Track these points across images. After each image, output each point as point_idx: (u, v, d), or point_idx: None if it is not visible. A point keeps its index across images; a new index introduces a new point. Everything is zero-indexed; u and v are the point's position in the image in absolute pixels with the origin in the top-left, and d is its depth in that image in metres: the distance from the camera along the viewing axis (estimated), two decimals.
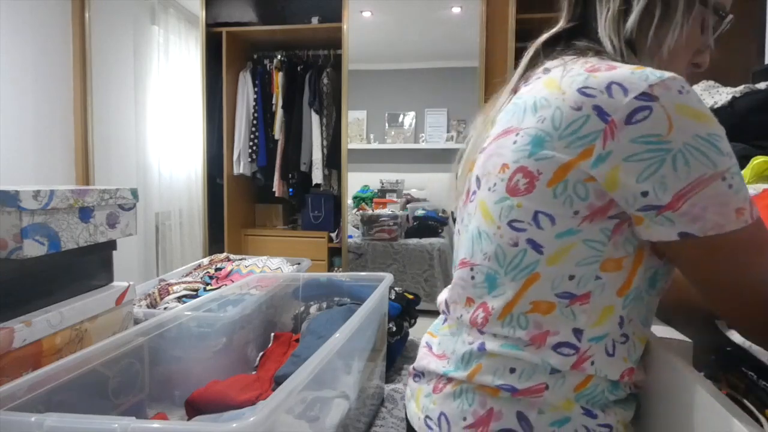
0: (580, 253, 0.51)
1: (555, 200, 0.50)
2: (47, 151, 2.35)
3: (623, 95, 0.46)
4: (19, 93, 2.17)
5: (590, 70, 0.49)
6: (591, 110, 0.47)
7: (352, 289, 1.46)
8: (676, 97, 0.45)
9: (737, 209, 0.45)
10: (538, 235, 0.52)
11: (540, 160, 0.50)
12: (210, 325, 1.16)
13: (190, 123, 3.03)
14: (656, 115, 0.45)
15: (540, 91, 0.53)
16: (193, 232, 3.16)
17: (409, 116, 5.13)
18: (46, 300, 0.95)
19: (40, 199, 0.88)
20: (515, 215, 0.53)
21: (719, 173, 0.45)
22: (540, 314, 0.53)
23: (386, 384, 1.34)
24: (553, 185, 0.50)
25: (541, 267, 0.52)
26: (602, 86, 0.47)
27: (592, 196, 0.49)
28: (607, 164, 0.47)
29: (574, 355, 0.52)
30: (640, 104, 0.45)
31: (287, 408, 0.73)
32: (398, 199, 4.10)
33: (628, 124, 0.46)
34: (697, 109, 0.45)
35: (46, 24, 2.32)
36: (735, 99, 1.27)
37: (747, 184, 1.12)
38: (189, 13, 3.07)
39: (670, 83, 0.45)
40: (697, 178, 0.44)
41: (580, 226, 0.50)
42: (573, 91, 0.49)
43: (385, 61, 5.02)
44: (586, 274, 0.51)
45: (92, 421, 0.58)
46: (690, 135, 0.44)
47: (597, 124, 0.47)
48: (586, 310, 0.52)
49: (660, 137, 0.45)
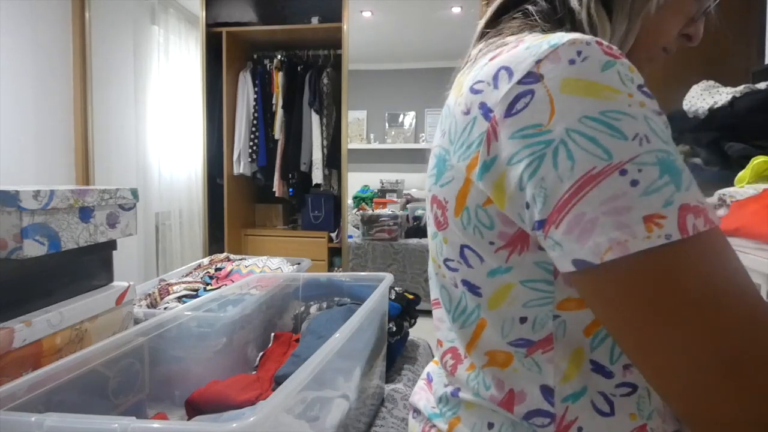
0: (524, 295, 0.40)
1: (466, 232, 0.41)
2: (47, 151, 2.35)
3: (507, 81, 0.35)
4: (19, 93, 2.17)
5: (493, 57, 0.38)
6: (477, 110, 0.37)
7: (352, 289, 1.46)
8: (564, 70, 0.33)
9: (646, 216, 0.30)
10: (471, 274, 0.43)
11: (444, 186, 0.42)
12: (210, 325, 1.16)
13: (190, 123, 3.03)
14: (537, 99, 0.33)
15: (450, 96, 0.43)
16: (193, 232, 3.16)
17: (409, 116, 5.14)
18: (46, 300, 0.95)
19: (40, 199, 0.88)
20: (446, 253, 0.44)
21: (615, 165, 0.30)
22: (498, 368, 0.43)
23: (386, 384, 1.34)
24: (458, 214, 0.41)
25: (485, 312, 0.43)
26: (490, 76, 0.36)
27: (497, 222, 0.38)
28: (492, 173, 0.36)
29: (551, 424, 0.41)
30: (522, 89, 0.34)
31: (287, 408, 0.73)
32: (398, 199, 4.10)
33: (508, 116, 0.34)
34: (593, 80, 0.32)
35: (46, 24, 2.32)
36: (735, 99, 1.27)
37: (747, 184, 1.12)
38: (189, 13, 3.07)
39: (562, 51, 0.33)
40: (582, 176, 0.31)
41: (509, 262, 0.39)
42: (466, 92, 0.39)
43: (385, 61, 5.03)
44: (540, 314, 0.40)
45: (92, 421, 0.58)
46: (576, 117, 0.32)
47: (482, 125, 0.36)
48: (552, 359, 0.40)
49: (541, 127, 0.33)
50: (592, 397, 0.40)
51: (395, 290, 1.55)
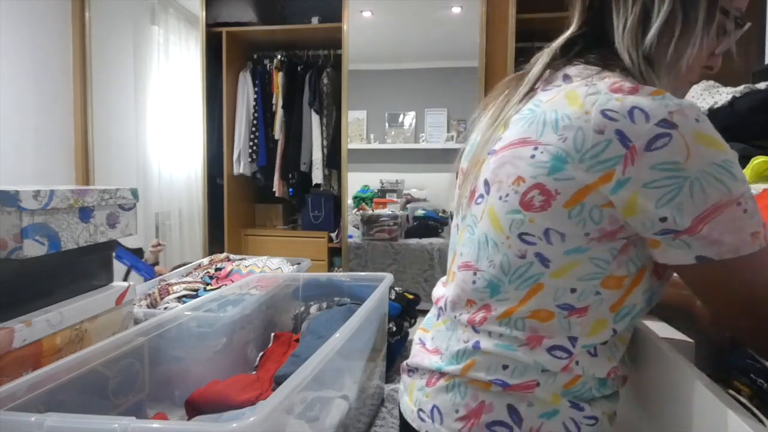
0: (585, 269, 0.53)
1: (569, 221, 0.51)
2: (47, 151, 2.35)
3: (645, 121, 0.46)
4: (19, 93, 2.17)
5: (613, 90, 0.49)
6: (613, 135, 0.48)
7: (352, 289, 1.46)
8: (693, 126, 0.46)
9: (753, 233, 0.46)
10: (547, 249, 0.53)
11: (559, 180, 0.51)
12: (210, 325, 1.16)
13: (190, 123, 3.03)
14: (675, 143, 0.46)
15: (562, 106, 0.52)
16: (193, 232, 3.16)
17: (409, 116, 5.13)
18: (46, 300, 0.95)
19: (40, 199, 0.88)
20: (526, 229, 0.54)
21: (734, 199, 0.46)
22: (538, 321, 0.55)
23: (386, 384, 1.34)
24: (569, 206, 0.51)
25: (546, 279, 0.54)
26: (625, 111, 0.48)
27: (605, 221, 0.50)
28: (626, 190, 0.48)
29: (567, 358, 0.54)
30: (661, 131, 0.46)
31: (287, 408, 0.73)
32: (398, 199, 4.10)
33: (648, 150, 0.46)
34: (713, 137, 0.46)
35: (46, 24, 2.32)
36: (735, 99, 1.27)
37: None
38: (189, 13, 3.07)
39: (687, 111, 0.46)
40: (713, 204, 0.46)
41: (589, 245, 0.52)
42: (596, 113, 0.49)
43: (385, 61, 5.02)
44: (587, 288, 0.53)
45: (92, 421, 0.58)
46: (706, 163, 0.45)
47: (618, 149, 0.47)
48: (582, 323, 0.54)
49: (678, 164, 0.46)
50: (594, 346, 0.56)
51: (395, 290, 1.55)
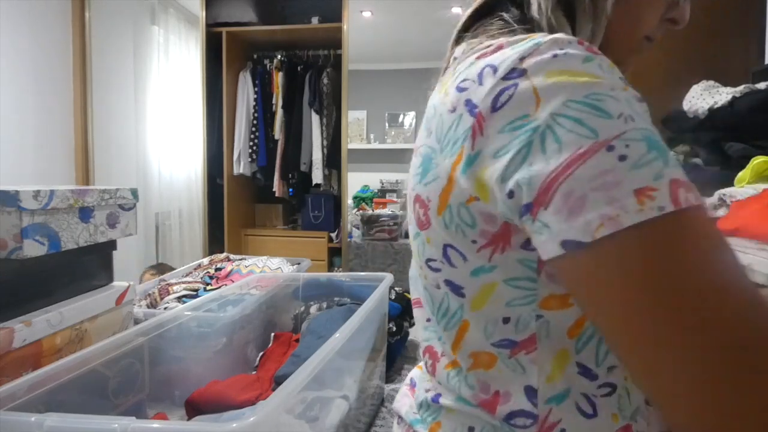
0: (507, 294, 0.40)
1: (448, 231, 0.40)
2: (47, 151, 2.36)
3: (492, 77, 0.35)
4: (19, 93, 2.17)
5: (480, 56, 0.38)
6: (463, 107, 0.37)
7: (352, 289, 1.46)
8: (547, 63, 0.33)
9: (637, 190, 0.29)
10: (454, 274, 0.42)
11: (428, 185, 0.41)
12: (210, 325, 1.16)
13: (190, 123, 3.03)
14: (520, 91, 0.33)
15: (434, 96, 0.44)
16: (193, 232, 3.16)
17: (409, 116, 5.14)
18: (46, 300, 0.95)
19: (40, 199, 0.88)
20: (428, 253, 0.44)
21: (602, 142, 0.30)
22: (483, 369, 0.43)
23: (386, 384, 1.34)
24: (441, 214, 0.40)
25: (467, 313, 0.43)
26: (476, 74, 0.37)
27: (479, 220, 0.38)
28: (475, 167, 0.36)
29: (533, 425, 0.40)
30: (506, 84, 0.34)
31: (287, 408, 0.73)
32: (398, 199, 4.10)
33: (494, 111, 0.34)
34: (576, 69, 0.33)
35: (46, 24, 2.32)
36: (735, 99, 1.27)
37: (747, 184, 1.12)
38: (189, 13, 3.07)
39: (545, 47, 0.34)
40: (570, 156, 0.31)
41: (492, 261, 0.39)
42: (452, 91, 0.39)
43: (385, 61, 5.03)
44: (523, 314, 0.40)
45: (92, 421, 0.58)
46: (560, 102, 0.32)
47: (467, 120, 0.36)
48: (536, 360, 0.40)
49: (528, 117, 0.33)
50: (576, 399, 0.40)
51: (395, 290, 1.55)
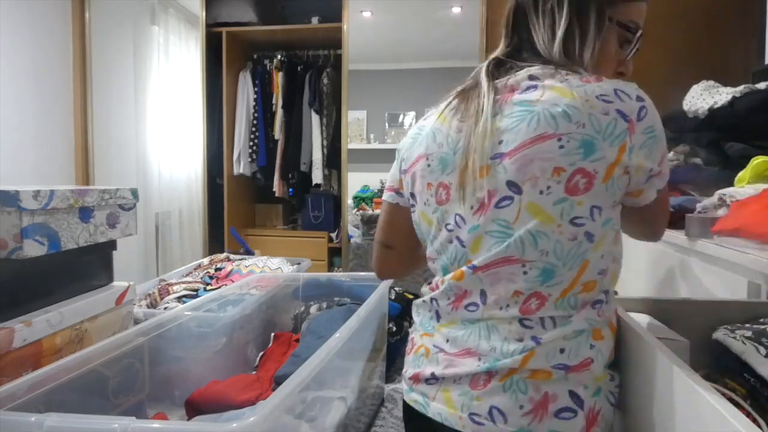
0: (611, 235, 0.62)
1: (606, 193, 0.60)
2: (47, 151, 2.35)
3: (630, 99, 0.60)
4: (19, 93, 2.17)
5: (586, 81, 0.62)
6: (616, 114, 0.59)
7: (352, 289, 1.46)
8: (647, 102, 0.61)
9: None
10: (592, 226, 0.60)
11: (594, 162, 0.59)
12: (210, 325, 1.16)
13: (190, 123, 3.03)
14: (650, 112, 0.61)
15: (559, 100, 0.61)
16: (193, 232, 3.16)
17: (409, 116, 5.13)
18: (46, 300, 0.95)
19: (40, 199, 0.88)
20: (576, 212, 0.60)
21: (666, 153, 0.64)
22: (586, 293, 0.62)
23: (386, 384, 1.34)
24: (606, 181, 0.60)
25: (590, 253, 0.61)
26: (612, 93, 0.60)
27: (623, 186, 0.61)
28: (635, 154, 0.60)
29: (605, 304, 0.64)
30: (641, 104, 0.60)
31: (287, 408, 0.73)
32: None
33: (639, 120, 0.60)
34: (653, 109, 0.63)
35: (46, 24, 2.32)
36: (735, 99, 1.27)
37: (747, 184, 1.12)
38: (189, 13, 3.07)
39: (641, 91, 0.62)
40: (664, 150, 0.63)
41: (611, 214, 0.62)
42: (595, 99, 0.60)
43: (385, 61, 5.02)
44: (608, 251, 0.62)
45: (92, 421, 0.58)
46: (660, 129, 0.62)
47: (622, 124, 0.59)
48: (607, 276, 0.64)
49: (653, 127, 0.61)
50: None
51: (395, 290, 1.55)
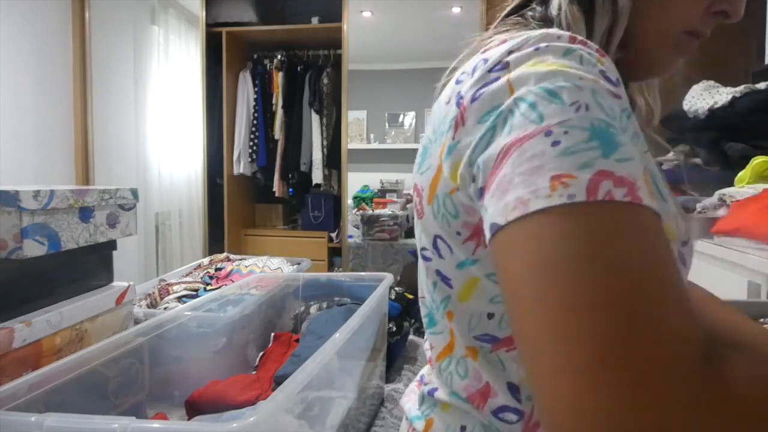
0: (490, 289, 0.39)
1: (435, 221, 0.40)
2: (47, 151, 2.35)
3: (480, 70, 0.35)
4: (19, 93, 2.17)
5: (484, 50, 0.38)
6: (454, 99, 0.36)
7: (352, 289, 1.46)
8: (527, 56, 0.33)
9: (555, 176, 0.27)
10: (442, 265, 0.42)
11: (423, 174, 0.41)
12: (210, 325, 1.16)
13: (190, 123, 3.03)
14: (497, 84, 0.33)
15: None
16: (193, 232, 3.15)
17: (409, 116, 5.13)
18: (46, 300, 0.95)
19: (40, 199, 0.88)
20: (423, 242, 0.44)
21: (544, 127, 0.29)
22: (472, 359, 0.42)
23: (386, 384, 1.34)
24: (430, 203, 0.40)
25: (453, 303, 0.42)
26: (471, 67, 0.37)
27: (461, 211, 0.37)
28: (453, 156, 0.35)
29: (519, 421, 0.40)
30: (490, 77, 0.34)
31: (287, 408, 0.73)
32: (398, 199, 4.09)
33: (473, 101, 0.34)
34: (549, 60, 0.32)
35: (46, 24, 2.32)
36: (735, 99, 1.27)
37: (747, 184, 1.12)
38: (189, 13, 3.07)
39: (533, 41, 0.34)
40: (513, 139, 0.30)
41: (475, 254, 0.38)
42: (452, 83, 0.39)
43: (385, 61, 5.02)
44: (506, 312, 0.39)
45: (92, 421, 0.58)
46: (525, 89, 0.31)
47: (453, 111, 0.36)
48: (516, 358, 0.39)
49: (499, 107, 0.32)
50: None
51: (395, 290, 1.55)
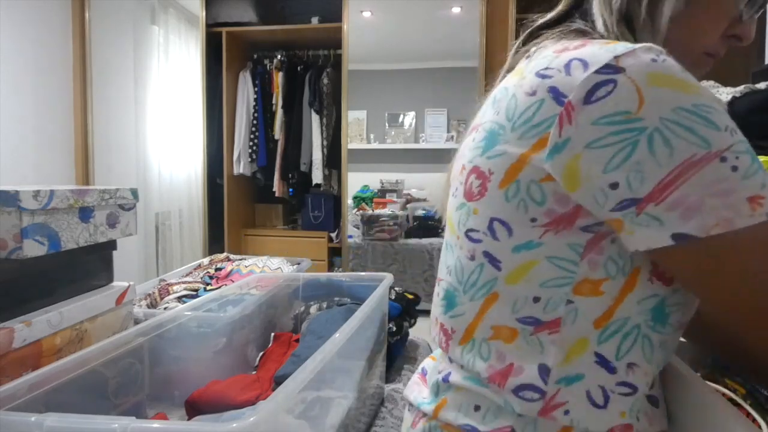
0: (545, 272, 0.42)
1: (507, 204, 0.42)
2: (47, 151, 2.35)
3: (582, 71, 0.37)
4: (19, 93, 2.17)
5: (559, 51, 0.41)
6: (546, 93, 0.39)
7: (352, 289, 1.46)
8: (647, 66, 0.36)
9: (750, 198, 0.34)
10: (494, 247, 0.43)
11: (492, 158, 0.42)
12: (210, 325, 1.16)
13: (190, 123, 3.03)
14: (622, 89, 0.35)
15: (507, 81, 0.46)
16: (193, 232, 3.15)
17: (409, 116, 5.13)
18: (46, 300, 0.95)
19: (40, 199, 0.88)
20: (471, 223, 0.45)
21: (715, 153, 0.34)
22: (502, 341, 0.44)
23: (386, 384, 1.34)
24: (504, 186, 0.42)
25: (500, 286, 0.44)
26: (561, 65, 0.39)
27: (550, 199, 0.40)
28: (564, 154, 0.38)
29: (540, 400, 0.42)
30: (602, 78, 0.36)
31: (287, 408, 0.73)
32: (398, 199, 4.10)
33: (587, 103, 0.36)
34: (678, 77, 0.36)
35: (46, 24, 2.32)
36: (735, 99, 1.27)
37: None
38: (189, 13, 3.07)
39: (640, 52, 0.37)
40: (683, 161, 0.34)
41: (542, 239, 0.41)
42: (530, 75, 0.41)
43: (385, 61, 5.02)
44: (554, 296, 0.42)
45: (92, 421, 0.58)
46: (669, 108, 0.35)
47: (552, 108, 0.38)
48: (556, 341, 0.42)
49: (629, 115, 0.35)
50: (589, 387, 0.42)
51: (395, 290, 1.55)
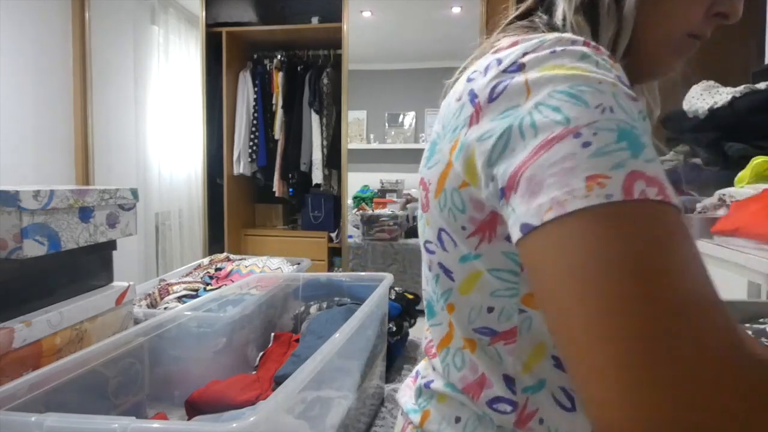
0: (492, 283, 0.40)
1: (441, 214, 0.41)
2: (47, 151, 2.35)
3: (495, 70, 0.35)
4: (19, 93, 2.17)
5: (495, 51, 0.39)
6: (467, 96, 0.37)
7: (352, 289, 1.46)
8: (544, 59, 0.33)
9: (590, 176, 0.28)
10: (445, 258, 0.43)
11: (431, 168, 0.42)
12: (210, 325, 1.16)
13: (190, 123, 3.03)
14: (514, 83, 0.33)
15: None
16: (193, 232, 3.15)
17: (409, 116, 5.13)
18: (46, 300, 0.95)
19: (40, 199, 0.88)
20: (427, 235, 0.45)
21: (573, 129, 0.30)
22: (469, 351, 0.44)
23: (386, 384, 1.34)
24: (437, 197, 0.41)
25: (455, 296, 0.44)
26: (483, 66, 0.37)
27: (468, 206, 0.38)
28: (466, 153, 0.36)
29: (513, 412, 0.41)
30: (505, 76, 0.34)
31: (287, 408, 0.73)
32: (398, 199, 4.09)
33: (490, 101, 0.35)
34: (568, 64, 0.33)
35: (46, 24, 2.32)
36: (735, 99, 1.27)
37: (747, 184, 1.12)
38: (189, 13, 3.07)
39: (548, 44, 0.34)
40: (542, 140, 0.30)
41: (478, 249, 0.39)
42: (463, 80, 0.39)
43: (385, 61, 5.02)
44: (507, 306, 0.40)
45: (92, 421, 0.58)
46: (546, 93, 0.32)
47: (468, 110, 0.36)
48: (513, 351, 0.41)
49: (517, 108, 0.33)
50: (553, 391, 0.41)
51: (395, 290, 1.55)
